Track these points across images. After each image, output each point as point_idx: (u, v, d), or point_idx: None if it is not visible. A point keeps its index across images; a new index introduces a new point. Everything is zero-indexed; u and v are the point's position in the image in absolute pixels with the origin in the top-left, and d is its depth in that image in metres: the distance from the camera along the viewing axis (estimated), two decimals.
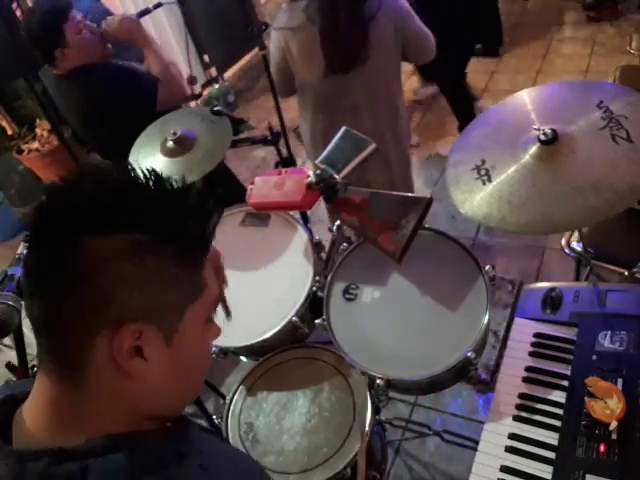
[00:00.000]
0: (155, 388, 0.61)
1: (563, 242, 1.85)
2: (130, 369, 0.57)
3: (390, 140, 2.07)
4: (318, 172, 1.27)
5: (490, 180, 1.21)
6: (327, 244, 1.47)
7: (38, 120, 4.02)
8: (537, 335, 1.30)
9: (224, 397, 1.45)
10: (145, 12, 2.17)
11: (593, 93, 1.24)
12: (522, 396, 1.20)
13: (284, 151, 2.11)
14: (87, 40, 2.01)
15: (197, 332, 0.63)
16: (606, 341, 1.18)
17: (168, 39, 4.29)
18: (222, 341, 1.42)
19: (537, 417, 1.15)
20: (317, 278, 1.43)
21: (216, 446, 0.70)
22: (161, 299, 0.57)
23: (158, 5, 2.26)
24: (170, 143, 1.71)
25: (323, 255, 1.52)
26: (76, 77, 2.03)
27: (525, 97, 1.33)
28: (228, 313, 1.24)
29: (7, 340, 1.94)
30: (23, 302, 1.40)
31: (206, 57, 4.78)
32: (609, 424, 1.04)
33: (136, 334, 0.56)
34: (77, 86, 2.04)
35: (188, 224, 0.59)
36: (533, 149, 1.18)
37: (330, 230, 1.42)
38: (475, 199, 1.21)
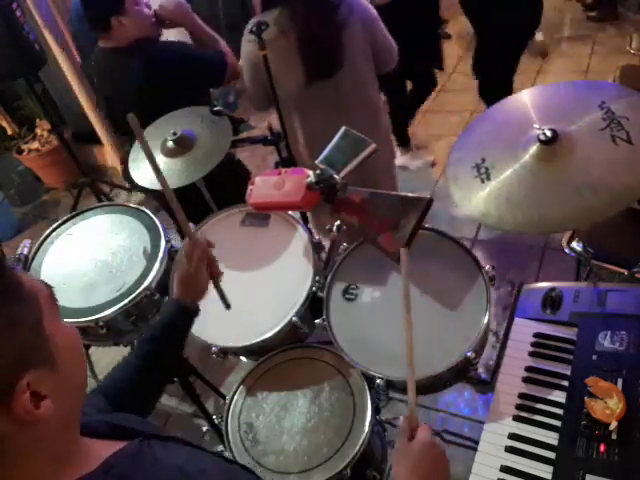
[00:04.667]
0: (64, 407, 0.58)
1: (563, 242, 1.85)
2: (42, 417, 0.54)
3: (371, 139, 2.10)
4: (318, 172, 1.27)
5: (489, 179, 1.21)
6: (327, 244, 1.47)
7: (38, 120, 4.02)
8: (537, 335, 1.30)
9: (224, 397, 1.45)
10: None
11: (595, 93, 1.24)
12: (522, 396, 1.20)
13: (284, 151, 2.11)
14: (144, 13, 2.01)
15: (63, 332, 0.60)
16: (606, 341, 1.18)
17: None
18: (222, 341, 1.42)
19: (537, 417, 1.15)
20: (317, 278, 1.43)
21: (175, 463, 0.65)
22: (20, 340, 0.54)
23: None
24: (170, 143, 1.71)
25: (323, 255, 1.52)
26: (139, 49, 1.99)
27: (526, 97, 1.33)
28: (227, 306, 1.24)
29: None
30: None
31: None
32: (609, 424, 1.04)
33: (26, 388, 0.53)
34: (141, 57, 1.98)
35: None
36: (533, 149, 1.19)
37: (330, 230, 1.42)
38: (473, 197, 1.21)
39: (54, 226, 1.74)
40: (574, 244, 1.81)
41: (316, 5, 1.78)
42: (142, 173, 1.72)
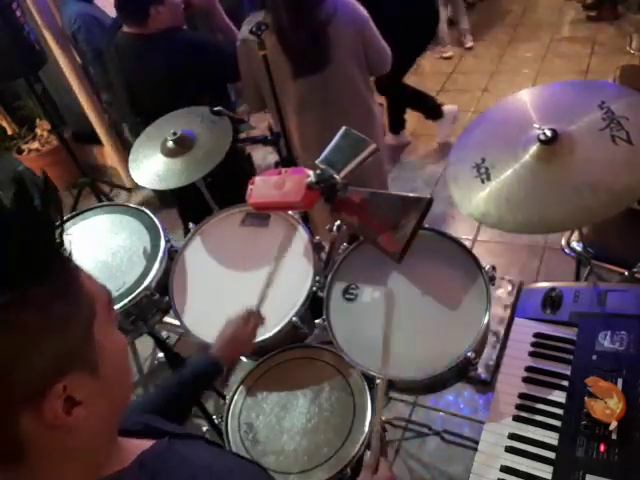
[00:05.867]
0: (100, 419, 0.57)
1: (563, 242, 1.86)
2: (72, 423, 0.52)
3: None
4: (318, 172, 1.27)
5: (489, 179, 1.21)
6: (327, 244, 1.47)
7: (38, 120, 4.03)
8: (537, 335, 1.30)
9: (224, 397, 1.45)
10: None
11: (595, 93, 1.24)
12: (522, 396, 1.20)
13: (284, 151, 2.11)
14: (178, 3, 2.05)
15: (112, 341, 0.59)
16: (606, 341, 1.18)
17: None
18: None
19: (537, 417, 1.15)
20: (317, 278, 1.43)
21: (205, 461, 0.66)
22: (66, 342, 0.52)
23: None
24: (170, 143, 1.71)
25: (323, 255, 1.52)
26: (164, 37, 2.02)
27: (526, 97, 1.33)
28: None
29: None
30: None
31: None
32: (609, 424, 1.04)
33: (62, 392, 0.51)
34: (165, 45, 2.02)
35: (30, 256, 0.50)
36: (533, 149, 1.19)
37: (330, 230, 1.42)
38: (473, 197, 1.21)
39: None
40: (574, 244, 1.81)
41: (292, 3, 1.79)
42: (142, 173, 1.72)
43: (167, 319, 1.67)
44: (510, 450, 1.12)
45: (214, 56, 2.08)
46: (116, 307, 1.50)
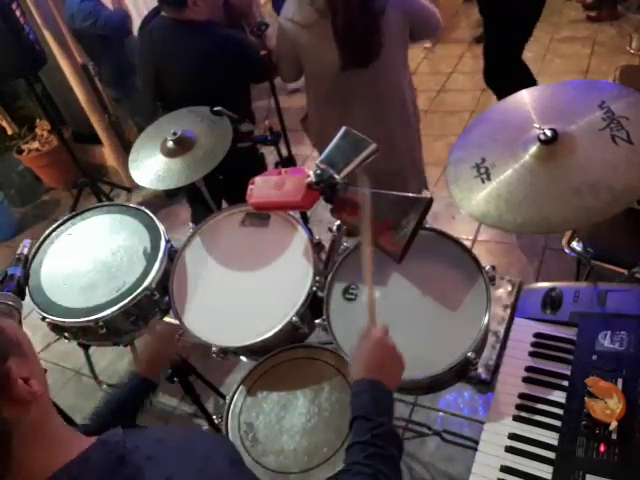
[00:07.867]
0: (42, 384, 0.67)
1: (563, 242, 1.85)
2: (37, 393, 0.64)
3: (398, 127, 2.08)
4: (318, 172, 1.27)
5: (489, 179, 1.21)
6: (327, 244, 1.47)
7: (38, 120, 4.02)
8: (537, 335, 1.30)
9: (224, 397, 1.45)
10: None
11: (595, 93, 1.24)
12: (522, 396, 1.20)
13: (284, 151, 2.11)
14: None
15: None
16: (606, 341, 1.18)
17: None
18: (222, 341, 1.42)
19: (537, 417, 1.15)
20: (317, 278, 1.43)
21: (155, 435, 0.75)
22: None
23: None
24: (170, 143, 1.71)
25: (323, 255, 1.52)
26: (202, 29, 2.02)
27: (526, 97, 1.34)
28: None
29: None
30: (23, 302, 1.41)
31: None
32: (609, 424, 1.04)
33: (15, 373, 0.63)
34: (202, 36, 2.03)
35: None
36: (533, 149, 1.19)
37: (330, 230, 1.42)
38: (474, 197, 1.21)
39: (54, 226, 1.74)
40: (574, 244, 1.80)
41: None
42: (143, 173, 1.72)
43: (167, 319, 1.67)
44: (510, 450, 1.12)
45: (246, 56, 2.07)
46: (116, 307, 1.50)
